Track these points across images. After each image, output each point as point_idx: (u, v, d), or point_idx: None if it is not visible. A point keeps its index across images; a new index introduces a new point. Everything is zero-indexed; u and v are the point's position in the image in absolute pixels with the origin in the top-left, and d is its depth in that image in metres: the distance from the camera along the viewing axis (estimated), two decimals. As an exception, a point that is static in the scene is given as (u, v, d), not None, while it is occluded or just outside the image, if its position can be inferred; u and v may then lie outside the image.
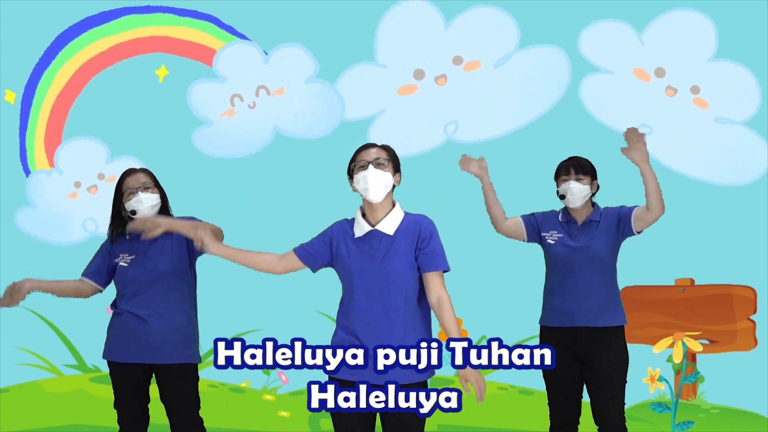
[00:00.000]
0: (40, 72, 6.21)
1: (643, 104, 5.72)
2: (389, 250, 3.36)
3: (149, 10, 6.15)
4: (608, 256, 4.21)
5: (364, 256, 3.37)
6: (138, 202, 3.97)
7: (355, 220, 3.45)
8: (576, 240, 4.22)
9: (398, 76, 5.90)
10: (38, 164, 6.22)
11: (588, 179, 4.22)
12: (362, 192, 3.39)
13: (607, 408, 4.17)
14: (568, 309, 4.18)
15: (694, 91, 5.66)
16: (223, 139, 6.04)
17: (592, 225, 4.23)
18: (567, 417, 4.25)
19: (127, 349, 3.99)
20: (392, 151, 3.47)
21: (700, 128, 5.69)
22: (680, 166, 5.70)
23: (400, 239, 3.37)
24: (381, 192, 3.36)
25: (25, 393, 6.05)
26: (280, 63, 6.02)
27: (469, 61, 5.85)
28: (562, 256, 4.22)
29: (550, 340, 4.20)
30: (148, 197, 3.99)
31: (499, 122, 5.83)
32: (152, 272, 3.98)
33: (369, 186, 3.35)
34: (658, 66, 5.70)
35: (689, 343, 4.58)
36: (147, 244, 4.00)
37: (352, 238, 3.41)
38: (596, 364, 4.16)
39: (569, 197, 4.21)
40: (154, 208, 4.01)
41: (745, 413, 5.58)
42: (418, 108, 5.89)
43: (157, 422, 4.19)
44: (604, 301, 4.17)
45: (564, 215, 4.31)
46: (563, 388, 4.23)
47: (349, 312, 3.40)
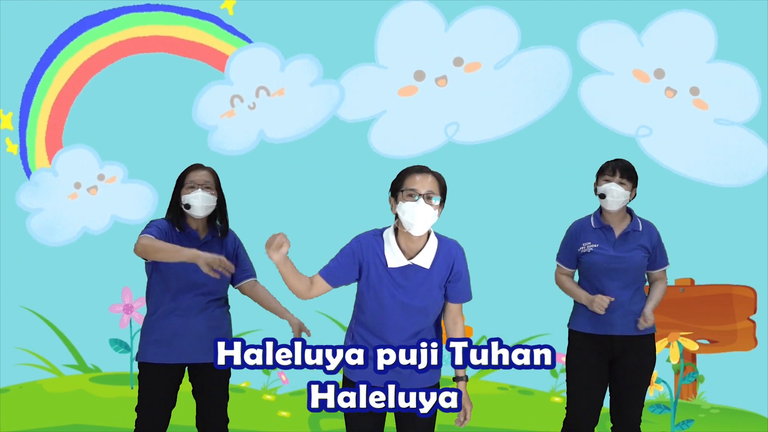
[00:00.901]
0: (40, 71, 6.22)
1: (643, 105, 5.72)
2: (423, 285, 3.32)
3: (149, 9, 6.15)
4: (643, 267, 4.19)
5: (398, 287, 3.30)
6: (195, 198, 3.96)
7: (388, 246, 3.32)
8: (616, 249, 4.15)
9: (399, 78, 5.89)
10: (38, 163, 6.22)
11: (630, 185, 4.12)
12: (405, 224, 3.25)
13: (631, 412, 4.17)
14: (606, 317, 4.12)
15: (693, 93, 5.67)
16: (223, 138, 6.05)
17: (633, 235, 4.17)
18: (586, 424, 4.20)
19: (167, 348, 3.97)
20: (443, 180, 3.32)
21: (700, 129, 5.69)
22: (680, 167, 5.70)
23: (435, 272, 3.33)
24: (425, 229, 3.26)
25: (25, 393, 6.05)
26: (281, 64, 6.02)
27: (469, 63, 5.85)
28: (599, 265, 4.14)
29: (584, 346, 4.17)
30: (206, 197, 3.98)
31: (499, 123, 5.83)
32: (201, 274, 3.88)
33: (415, 222, 3.22)
34: (658, 67, 5.70)
35: (685, 342, 4.59)
36: (199, 245, 3.98)
37: (385, 266, 3.31)
38: (627, 369, 4.14)
39: (609, 198, 4.10)
40: (209, 209, 4.01)
41: (745, 413, 5.58)
42: (419, 109, 5.88)
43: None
44: (637, 311, 4.14)
45: (597, 221, 4.21)
46: (591, 395, 4.17)
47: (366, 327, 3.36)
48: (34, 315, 6.12)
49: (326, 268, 3.38)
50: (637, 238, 4.17)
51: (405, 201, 3.23)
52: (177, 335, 3.96)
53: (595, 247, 4.16)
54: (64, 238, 6.17)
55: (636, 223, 4.18)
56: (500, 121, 5.84)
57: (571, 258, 4.24)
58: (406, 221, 3.23)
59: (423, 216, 3.21)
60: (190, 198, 3.98)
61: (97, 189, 6.18)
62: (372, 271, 3.31)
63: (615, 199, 4.09)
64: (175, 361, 3.97)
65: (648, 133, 5.69)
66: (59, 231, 6.17)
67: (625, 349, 4.13)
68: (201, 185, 3.99)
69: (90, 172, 6.17)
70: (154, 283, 4.03)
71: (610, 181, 4.10)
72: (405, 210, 3.22)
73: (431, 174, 3.28)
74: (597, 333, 4.14)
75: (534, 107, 5.80)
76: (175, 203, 4.06)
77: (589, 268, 4.17)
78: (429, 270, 3.31)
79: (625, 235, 4.16)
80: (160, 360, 3.96)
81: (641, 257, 4.15)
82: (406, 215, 3.22)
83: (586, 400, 4.17)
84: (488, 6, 5.84)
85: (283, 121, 6.00)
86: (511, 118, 5.82)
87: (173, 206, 4.06)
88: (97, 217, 6.17)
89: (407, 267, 3.29)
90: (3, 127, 6.22)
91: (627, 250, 4.14)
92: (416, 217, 3.20)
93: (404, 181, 3.27)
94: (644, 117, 5.71)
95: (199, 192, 3.97)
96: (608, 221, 4.18)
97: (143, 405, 3.99)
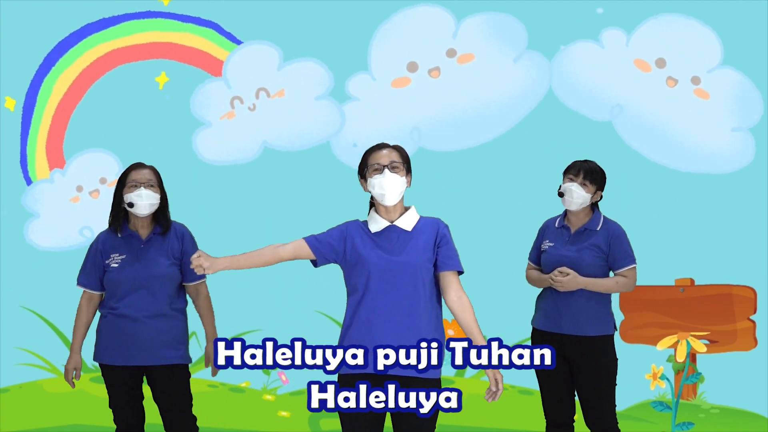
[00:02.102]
0: (40, 79, 6.21)
1: (645, 94, 5.72)
2: (407, 245, 3.38)
3: (149, 16, 6.15)
4: (597, 267, 4.17)
5: (381, 249, 3.38)
6: (138, 197, 3.98)
7: (370, 217, 3.47)
8: (566, 248, 4.18)
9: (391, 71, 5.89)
10: (39, 171, 6.23)
11: (593, 188, 4.15)
12: (377, 197, 3.40)
13: (597, 415, 4.18)
14: (554, 315, 4.17)
15: (694, 82, 5.65)
16: (222, 142, 6.04)
17: (587, 234, 4.18)
18: (562, 417, 4.25)
19: (119, 350, 4.01)
20: (404, 151, 3.48)
21: (697, 118, 5.68)
22: (671, 159, 5.71)
23: (418, 235, 3.40)
24: (396, 197, 3.39)
25: (25, 393, 6.05)
26: (282, 67, 6.02)
27: (462, 54, 5.85)
28: (550, 264, 4.19)
29: (540, 342, 4.18)
30: (150, 194, 4.00)
31: (486, 125, 5.84)
32: (144, 274, 3.99)
33: (385, 192, 3.37)
34: (659, 57, 5.70)
35: (694, 343, 4.58)
36: (140, 245, 4.02)
37: (369, 233, 3.42)
38: (583, 373, 4.15)
39: (567, 198, 4.16)
40: (152, 207, 4.02)
41: (745, 413, 5.58)
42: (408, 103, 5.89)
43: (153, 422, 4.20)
44: (590, 310, 4.14)
45: (560, 220, 4.28)
46: (556, 389, 4.22)
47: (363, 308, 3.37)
48: (34, 315, 6.12)
49: (312, 236, 3.47)
50: (592, 237, 4.17)
51: (372, 176, 3.39)
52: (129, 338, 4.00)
53: (550, 246, 4.23)
54: (65, 241, 6.17)
55: (594, 222, 4.19)
56: (487, 122, 5.84)
57: (537, 255, 4.34)
58: (377, 193, 3.38)
59: (392, 183, 3.36)
60: (132, 196, 3.98)
61: (99, 193, 6.18)
62: (357, 240, 3.41)
63: (573, 199, 4.13)
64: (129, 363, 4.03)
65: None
66: (60, 233, 6.17)
67: (577, 351, 4.13)
68: (143, 183, 4.00)
69: (92, 176, 6.17)
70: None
71: (573, 181, 4.15)
72: (374, 184, 3.38)
73: (391, 147, 3.45)
74: (548, 330, 4.18)
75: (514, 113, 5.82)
76: (117, 204, 4.07)
77: (544, 266, 4.24)
78: (411, 232, 3.40)
79: (578, 234, 4.19)
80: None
81: (592, 257, 4.14)
82: (376, 188, 3.38)
83: (552, 395, 4.23)
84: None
85: (283, 123, 6.00)
86: (497, 122, 5.83)
87: (115, 207, 4.08)
88: (99, 220, 6.16)
89: (389, 228, 3.40)
90: (4, 125, 6.23)
91: (577, 249, 4.16)
92: (385, 187, 3.35)
93: (368, 159, 3.44)
94: (646, 105, 5.72)
95: (143, 190, 3.98)
96: (569, 220, 4.23)
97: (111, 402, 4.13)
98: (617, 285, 4.18)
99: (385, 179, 3.36)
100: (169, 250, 4.04)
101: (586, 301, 4.14)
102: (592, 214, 4.22)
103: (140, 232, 4.06)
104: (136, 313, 3.98)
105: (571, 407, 4.25)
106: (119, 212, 4.07)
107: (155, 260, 4.01)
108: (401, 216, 3.43)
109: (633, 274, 4.20)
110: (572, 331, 4.13)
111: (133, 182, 4.00)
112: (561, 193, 4.18)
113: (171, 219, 4.12)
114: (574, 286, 4.09)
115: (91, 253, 4.10)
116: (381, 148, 3.45)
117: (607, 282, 4.16)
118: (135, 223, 4.06)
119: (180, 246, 4.08)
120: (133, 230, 4.06)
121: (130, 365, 4.01)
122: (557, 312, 4.15)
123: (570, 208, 4.17)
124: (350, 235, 3.44)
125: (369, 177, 3.40)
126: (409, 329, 3.33)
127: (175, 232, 4.09)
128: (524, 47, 5.79)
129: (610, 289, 4.17)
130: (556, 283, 4.10)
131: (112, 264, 4.03)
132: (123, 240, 4.05)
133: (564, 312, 4.14)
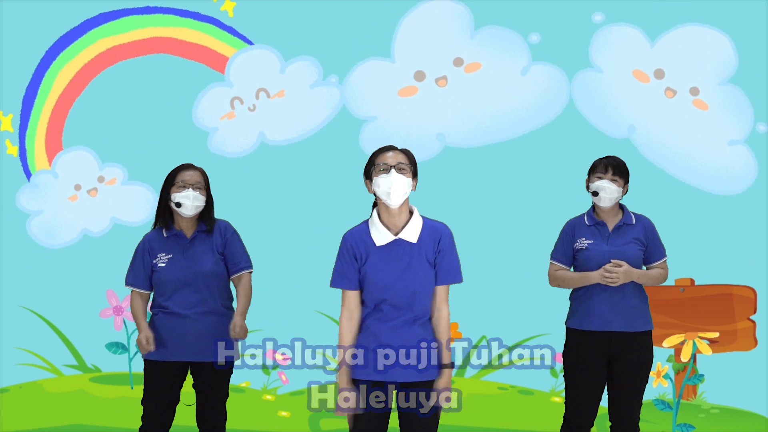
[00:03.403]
0: (40, 74, 6.21)
1: (639, 105, 5.72)
2: (413, 262, 3.37)
3: (149, 11, 6.15)
4: (639, 261, 4.19)
5: (389, 269, 3.37)
6: (186, 197, 4.03)
7: (373, 226, 3.43)
8: (609, 244, 4.18)
9: (400, 78, 5.89)
10: (38, 165, 6.22)
11: (622, 181, 4.18)
12: (382, 196, 3.38)
13: (628, 411, 4.16)
14: (603, 313, 4.13)
15: (693, 93, 5.67)
16: (223, 140, 6.04)
17: (626, 229, 4.20)
18: (586, 419, 4.20)
19: (168, 347, 4.05)
20: (411, 155, 3.47)
21: (699, 132, 5.69)
22: (679, 172, 5.72)
23: (423, 247, 3.39)
24: (401, 197, 3.37)
25: (25, 393, 6.05)
26: (281, 66, 6.01)
27: (469, 63, 5.85)
28: (595, 261, 4.16)
29: (582, 343, 4.17)
30: (197, 196, 4.05)
31: (495, 129, 5.83)
32: (191, 271, 4.05)
33: (391, 191, 3.35)
34: (658, 67, 5.71)
35: (700, 344, 4.58)
36: (186, 243, 4.09)
37: (373, 246, 3.40)
38: (625, 367, 4.13)
39: (602, 195, 4.15)
40: (198, 209, 4.08)
41: (745, 413, 5.58)
42: (414, 112, 5.88)
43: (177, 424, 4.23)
44: (638, 304, 4.16)
45: (590, 218, 4.26)
46: (590, 391, 4.17)
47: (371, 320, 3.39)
48: (34, 315, 6.12)
49: (337, 278, 3.44)
50: (631, 231, 4.20)
51: (378, 175, 3.37)
52: (177, 334, 4.05)
53: (589, 243, 4.19)
54: (64, 240, 6.16)
55: (629, 216, 4.23)
56: (497, 126, 5.84)
57: (567, 254, 4.27)
58: (382, 192, 3.36)
59: (397, 184, 3.35)
60: (180, 197, 4.03)
61: (97, 191, 6.17)
62: (364, 257, 3.39)
63: (608, 195, 4.15)
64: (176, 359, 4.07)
65: (643, 134, 5.69)
66: (59, 232, 6.17)
67: (623, 346, 4.13)
68: (192, 185, 4.06)
69: (90, 174, 6.17)
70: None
71: (603, 179, 4.16)
72: (380, 183, 3.36)
73: (399, 150, 3.45)
74: (594, 329, 4.14)
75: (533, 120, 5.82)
76: (164, 202, 4.12)
77: (584, 264, 4.19)
78: (416, 244, 3.38)
79: (618, 229, 4.20)
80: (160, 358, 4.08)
81: (636, 250, 4.17)
82: (381, 187, 3.36)
83: (585, 398, 4.18)
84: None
85: (282, 123, 6.00)
86: (509, 125, 5.83)
87: (162, 205, 4.12)
88: (97, 219, 6.17)
89: (394, 243, 3.38)
90: (3, 129, 6.22)
91: (621, 244, 4.17)
92: (391, 186, 3.34)
93: (375, 159, 3.43)
94: (639, 117, 5.72)
95: (190, 191, 4.04)
96: (601, 217, 4.23)
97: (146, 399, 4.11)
98: (660, 276, 4.23)
99: (391, 178, 3.34)
100: (214, 247, 4.11)
101: (633, 298, 4.15)
102: (621, 209, 4.25)
103: (186, 232, 4.11)
104: (186, 310, 4.04)
105: (596, 412, 4.22)
106: (165, 211, 4.12)
107: (201, 258, 4.07)
108: (406, 225, 3.40)
109: (667, 266, 4.28)
110: (624, 327, 4.12)
111: (181, 182, 4.06)
112: (595, 192, 4.18)
113: (215, 218, 4.17)
114: (629, 277, 4.10)
115: (138, 253, 4.15)
116: (388, 149, 3.44)
117: (654, 273, 4.20)
118: (180, 222, 4.12)
119: (222, 240, 4.13)
120: (179, 230, 4.12)
121: (177, 361, 4.07)
122: (606, 310, 4.13)
123: (605, 205, 4.18)
124: (358, 252, 3.41)
125: (375, 176, 3.39)
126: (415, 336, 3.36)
127: (219, 229, 4.15)
128: (529, 59, 5.78)
129: (657, 281, 4.21)
130: (612, 276, 4.08)
131: (159, 264, 4.08)
132: (169, 239, 4.11)
133: (616, 309, 4.12)
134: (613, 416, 4.20)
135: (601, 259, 4.14)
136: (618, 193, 4.16)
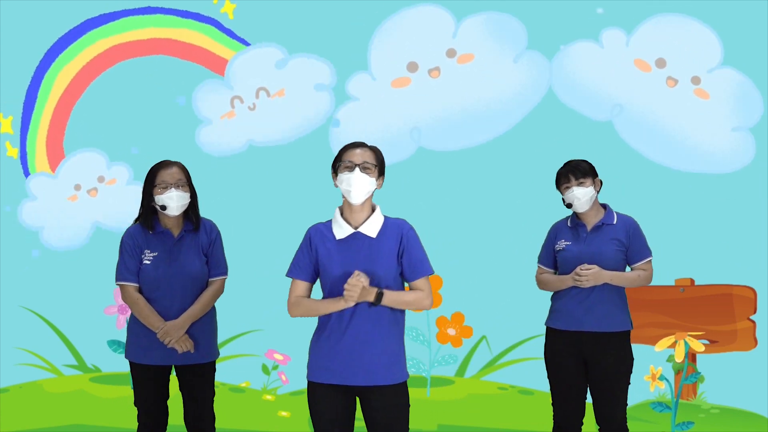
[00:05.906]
0: (40, 75, 6.21)
1: (645, 94, 5.71)
2: (371, 255, 3.38)
3: (149, 12, 6.15)
4: (619, 261, 4.19)
5: (345, 261, 3.38)
6: (170, 199, 3.93)
7: (334, 221, 3.47)
8: (585, 245, 4.19)
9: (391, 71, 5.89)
10: (39, 167, 6.22)
11: (589, 180, 4.18)
12: (344, 193, 3.41)
13: (610, 411, 4.17)
14: (574, 313, 4.16)
15: (694, 82, 5.65)
16: (221, 139, 6.05)
17: (606, 228, 4.20)
18: (572, 418, 4.23)
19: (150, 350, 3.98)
20: (380, 153, 3.49)
21: (699, 118, 5.68)
22: (673, 160, 5.71)
23: (382, 242, 3.40)
24: (363, 196, 3.40)
25: (25, 393, 6.05)
26: (281, 66, 6.02)
27: (462, 54, 5.85)
28: (570, 262, 4.18)
29: (556, 342, 4.20)
30: (180, 195, 3.96)
31: (481, 126, 5.84)
32: (178, 273, 3.96)
33: (352, 189, 3.38)
34: (659, 57, 5.70)
35: (691, 342, 4.58)
36: (173, 243, 4.00)
37: (333, 240, 3.42)
38: (601, 369, 4.15)
39: (576, 204, 4.17)
40: (183, 207, 3.99)
41: (745, 413, 5.58)
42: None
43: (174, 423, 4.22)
44: (612, 306, 4.16)
45: (572, 220, 4.28)
46: (569, 390, 4.21)
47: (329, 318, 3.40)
48: (34, 315, 6.12)
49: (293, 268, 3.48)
50: (611, 231, 4.20)
51: (343, 172, 3.40)
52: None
53: (567, 244, 4.22)
54: (64, 239, 6.17)
55: (610, 216, 4.22)
56: (486, 122, 5.84)
57: (549, 257, 4.32)
58: (344, 189, 3.40)
59: (360, 183, 3.37)
60: (164, 199, 3.94)
61: (97, 191, 6.17)
62: (321, 250, 3.43)
63: (582, 200, 4.16)
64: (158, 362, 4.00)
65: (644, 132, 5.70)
66: (60, 232, 6.17)
67: (598, 347, 4.13)
68: (173, 184, 3.95)
69: (90, 174, 6.17)
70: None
71: (570, 187, 4.17)
72: (343, 179, 3.40)
73: (367, 147, 3.46)
74: (567, 329, 4.17)
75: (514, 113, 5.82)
76: (147, 203, 4.02)
77: (562, 265, 4.23)
78: (375, 239, 3.39)
79: (596, 229, 4.20)
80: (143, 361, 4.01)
81: (614, 251, 4.17)
82: (344, 184, 3.40)
83: (565, 396, 4.22)
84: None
85: (283, 123, 6.00)
86: (494, 122, 5.83)
87: (145, 205, 4.02)
88: (97, 219, 6.16)
89: (353, 237, 3.40)
90: (3, 131, 6.22)
91: (598, 245, 4.17)
92: (353, 184, 3.37)
93: (342, 155, 3.45)
94: (647, 106, 5.72)
95: (173, 192, 3.94)
96: (581, 218, 4.25)
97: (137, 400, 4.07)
98: (639, 278, 4.20)
99: (354, 176, 3.37)
100: (200, 247, 4.03)
101: (607, 298, 4.14)
102: (603, 209, 4.25)
103: (172, 230, 4.03)
104: (168, 311, 3.96)
105: (582, 410, 4.24)
106: (149, 211, 4.02)
107: (188, 259, 3.99)
108: (366, 221, 3.42)
109: (651, 266, 4.24)
110: (594, 327, 4.13)
111: (162, 183, 3.95)
112: (569, 204, 4.20)
113: (200, 215, 4.10)
114: (599, 280, 4.10)
115: (128, 248, 4.00)
116: (356, 146, 3.46)
117: (630, 275, 4.19)
118: (165, 221, 4.03)
119: (208, 240, 4.06)
120: (164, 228, 4.02)
121: (160, 365, 4.00)
122: (579, 310, 4.14)
123: (583, 209, 4.19)
124: (314, 243, 3.45)
125: (340, 172, 3.42)
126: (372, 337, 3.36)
127: (204, 228, 4.07)
128: (524, 47, 5.79)
129: (633, 282, 4.18)
130: (582, 278, 4.09)
131: (144, 261, 3.98)
132: (155, 237, 4.00)
133: (586, 309, 4.13)
134: (597, 417, 4.23)
135: (576, 260, 4.16)
136: (591, 192, 4.16)
